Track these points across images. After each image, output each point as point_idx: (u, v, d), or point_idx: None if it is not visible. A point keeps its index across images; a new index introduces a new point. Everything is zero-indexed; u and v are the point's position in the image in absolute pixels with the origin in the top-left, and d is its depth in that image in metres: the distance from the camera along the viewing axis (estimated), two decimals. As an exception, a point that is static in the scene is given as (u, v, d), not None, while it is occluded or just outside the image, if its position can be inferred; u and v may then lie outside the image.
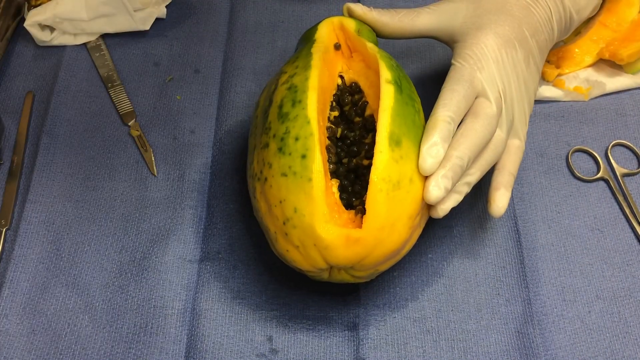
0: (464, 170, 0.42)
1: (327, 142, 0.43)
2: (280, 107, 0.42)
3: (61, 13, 0.58)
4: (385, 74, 0.43)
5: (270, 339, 0.48)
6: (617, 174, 0.55)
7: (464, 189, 0.43)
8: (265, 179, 0.41)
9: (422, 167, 0.41)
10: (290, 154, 0.40)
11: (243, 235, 0.52)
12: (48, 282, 0.49)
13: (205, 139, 0.56)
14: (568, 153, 0.56)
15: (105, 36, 0.61)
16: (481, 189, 0.54)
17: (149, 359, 0.46)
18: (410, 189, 0.40)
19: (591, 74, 0.59)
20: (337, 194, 0.42)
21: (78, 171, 0.54)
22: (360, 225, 0.40)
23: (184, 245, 0.51)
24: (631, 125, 0.57)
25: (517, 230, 0.52)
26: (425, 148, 0.41)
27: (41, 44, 0.60)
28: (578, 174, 0.55)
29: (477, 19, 0.47)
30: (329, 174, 0.42)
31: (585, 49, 0.59)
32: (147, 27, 0.60)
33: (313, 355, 0.47)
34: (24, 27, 0.59)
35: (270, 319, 0.48)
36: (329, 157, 0.43)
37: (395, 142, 0.40)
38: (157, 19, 0.61)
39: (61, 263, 0.50)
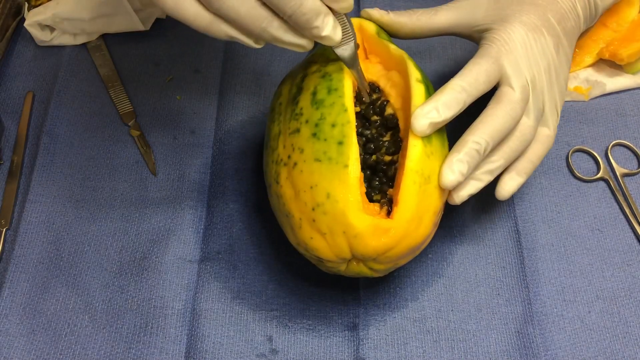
0: (482, 156, 0.41)
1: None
2: (314, 94, 0.43)
3: (61, 13, 0.58)
4: (415, 73, 0.44)
5: (270, 339, 0.48)
6: (617, 174, 0.55)
7: (485, 178, 0.43)
8: (295, 163, 0.41)
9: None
10: (325, 139, 0.40)
11: (243, 235, 0.52)
12: (48, 282, 0.49)
13: (205, 139, 0.56)
14: (568, 153, 0.56)
15: (105, 36, 0.61)
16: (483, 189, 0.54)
17: (149, 359, 0.46)
18: (438, 185, 0.41)
19: (591, 74, 0.59)
20: (364, 185, 0.42)
21: (78, 171, 0.54)
22: (384, 219, 0.40)
23: (184, 245, 0.51)
24: (631, 125, 0.57)
25: (517, 230, 0.52)
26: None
27: (41, 44, 0.60)
28: (578, 174, 0.55)
29: (500, 11, 0.47)
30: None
31: (585, 49, 0.59)
32: (147, 27, 0.60)
33: (313, 355, 0.47)
34: (24, 27, 0.59)
35: (270, 319, 0.48)
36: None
37: (427, 138, 0.41)
38: (157, 19, 0.61)
39: (61, 263, 0.50)
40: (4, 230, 0.51)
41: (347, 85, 0.42)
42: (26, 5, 0.61)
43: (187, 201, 0.53)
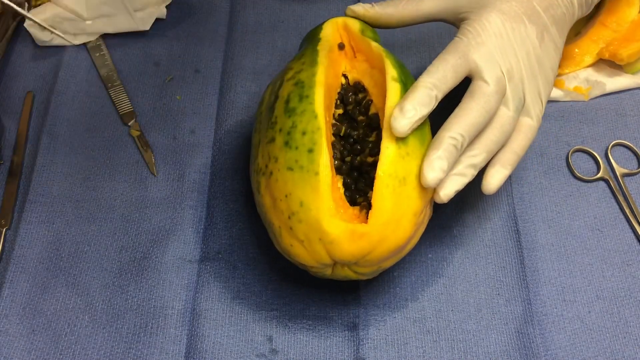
0: (460, 151, 0.41)
1: (332, 138, 0.43)
2: (287, 102, 0.43)
3: (61, 13, 0.58)
4: (391, 71, 0.43)
5: (270, 339, 0.48)
6: (617, 174, 0.55)
7: (469, 172, 0.42)
8: (271, 173, 0.41)
9: (423, 174, 0.40)
10: (296, 147, 0.40)
11: (243, 235, 0.52)
12: (48, 282, 0.49)
13: (205, 139, 0.56)
14: (568, 153, 0.56)
15: (105, 36, 0.61)
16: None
17: (149, 359, 0.46)
18: (416, 186, 0.40)
19: (591, 74, 0.59)
20: (342, 190, 0.42)
21: (78, 171, 0.54)
22: (365, 222, 0.40)
23: (184, 245, 0.51)
24: (631, 125, 0.57)
25: (517, 230, 0.52)
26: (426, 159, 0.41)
27: (41, 44, 0.60)
28: (578, 174, 0.55)
29: None
30: (334, 169, 0.42)
31: (585, 49, 0.59)
32: (147, 27, 0.60)
33: (313, 355, 0.47)
34: (24, 27, 0.59)
35: (270, 319, 0.48)
36: (334, 153, 0.43)
37: (401, 138, 0.40)
38: (157, 19, 0.61)
39: (61, 263, 0.50)
40: (4, 230, 0.51)
41: (318, 91, 0.42)
42: (26, 5, 0.61)
43: (187, 201, 0.53)
